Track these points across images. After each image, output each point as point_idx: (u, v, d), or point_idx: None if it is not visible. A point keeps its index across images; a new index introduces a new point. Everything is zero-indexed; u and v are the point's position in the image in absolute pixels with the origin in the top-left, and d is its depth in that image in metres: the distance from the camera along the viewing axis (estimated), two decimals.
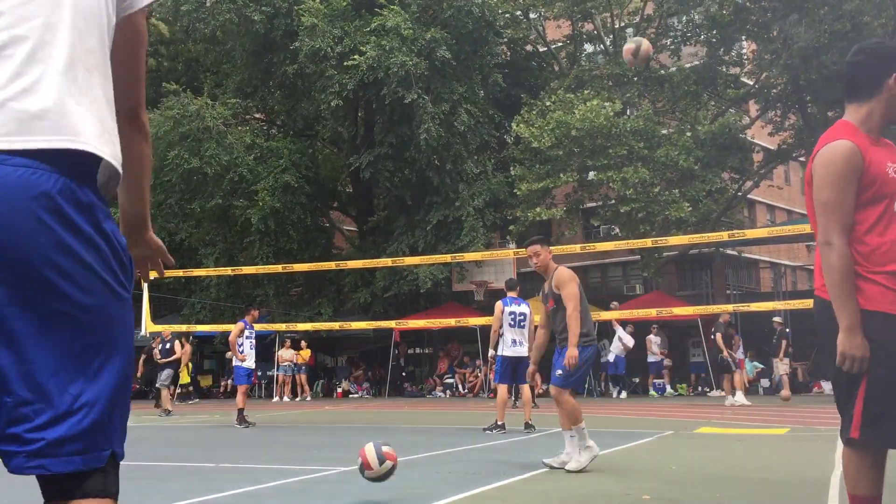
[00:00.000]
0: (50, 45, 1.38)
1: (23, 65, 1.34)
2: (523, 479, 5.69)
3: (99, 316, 1.34)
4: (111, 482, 1.36)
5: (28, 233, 1.28)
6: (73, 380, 1.31)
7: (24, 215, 1.27)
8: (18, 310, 1.28)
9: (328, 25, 20.65)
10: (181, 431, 11.34)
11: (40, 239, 1.28)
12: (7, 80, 1.33)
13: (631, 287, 31.02)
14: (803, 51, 19.56)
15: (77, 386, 1.31)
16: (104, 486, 1.34)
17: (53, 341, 1.30)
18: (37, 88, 1.34)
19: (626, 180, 19.46)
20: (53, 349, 1.30)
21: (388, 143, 21.97)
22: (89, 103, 1.40)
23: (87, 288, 1.32)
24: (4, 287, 1.27)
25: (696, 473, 5.91)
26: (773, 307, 16.34)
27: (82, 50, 1.43)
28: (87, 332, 1.32)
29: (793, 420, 11.14)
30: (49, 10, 1.41)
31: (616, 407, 15.56)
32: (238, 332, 11.89)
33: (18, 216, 1.27)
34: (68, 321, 1.31)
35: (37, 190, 1.29)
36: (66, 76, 1.37)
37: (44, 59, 1.37)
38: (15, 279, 1.27)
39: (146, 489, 5.30)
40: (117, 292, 1.37)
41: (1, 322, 1.27)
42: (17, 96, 1.32)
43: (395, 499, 4.96)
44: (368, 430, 10.92)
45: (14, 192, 1.27)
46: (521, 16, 25.06)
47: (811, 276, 36.28)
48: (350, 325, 19.11)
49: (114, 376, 1.36)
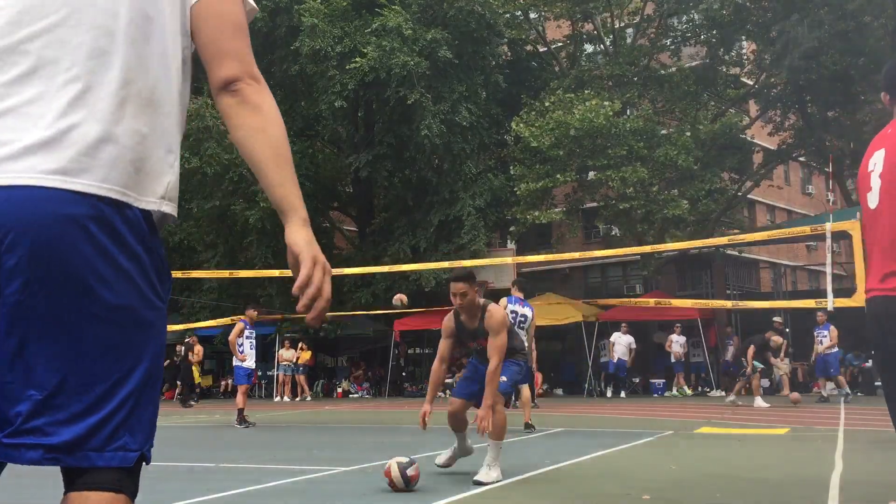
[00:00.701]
0: (102, 72, 1.40)
1: (70, 105, 1.36)
2: (523, 479, 5.69)
3: (131, 320, 1.37)
4: (128, 481, 1.39)
5: (70, 237, 1.31)
6: (101, 379, 1.35)
7: (67, 220, 1.31)
8: (53, 308, 1.31)
9: (328, 25, 20.65)
10: (181, 431, 11.34)
11: (81, 243, 1.32)
12: (54, 117, 1.35)
13: (631, 287, 31.02)
14: (805, 51, 19.56)
15: (103, 385, 1.35)
16: (119, 483, 1.37)
17: (85, 340, 1.33)
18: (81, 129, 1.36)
19: (625, 179, 19.46)
20: (84, 348, 1.33)
21: (388, 142, 21.96)
22: (134, 143, 1.41)
23: (122, 292, 1.35)
24: (40, 285, 1.30)
25: (696, 473, 5.91)
26: (773, 306, 16.34)
27: (138, 72, 1.43)
28: (118, 335, 1.36)
29: (793, 420, 11.14)
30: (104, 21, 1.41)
31: (616, 407, 15.56)
32: (238, 333, 11.88)
33: (62, 221, 1.31)
34: (101, 322, 1.34)
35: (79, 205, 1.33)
36: (114, 116, 1.39)
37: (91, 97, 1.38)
38: (53, 279, 1.31)
39: (146, 489, 5.29)
40: (151, 300, 1.41)
41: (35, 318, 1.31)
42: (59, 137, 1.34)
43: (396, 498, 4.96)
44: (368, 430, 10.93)
45: (57, 204, 1.31)
46: (521, 16, 25.06)
47: (811, 276, 36.30)
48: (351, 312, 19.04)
49: (141, 379, 1.39)
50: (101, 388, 1.34)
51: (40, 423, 1.31)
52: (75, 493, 1.36)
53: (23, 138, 1.33)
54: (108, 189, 1.35)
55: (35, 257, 1.29)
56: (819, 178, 34.52)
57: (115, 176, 1.37)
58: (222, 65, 1.52)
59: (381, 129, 22.60)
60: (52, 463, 1.32)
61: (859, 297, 12.02)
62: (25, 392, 1.31)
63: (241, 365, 11.84)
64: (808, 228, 15.00)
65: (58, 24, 1.39)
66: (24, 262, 1.29)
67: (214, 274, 20.84)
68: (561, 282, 31.92)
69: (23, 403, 1.31)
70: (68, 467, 1.35)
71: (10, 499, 4.91)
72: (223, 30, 1.53)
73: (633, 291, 29.39)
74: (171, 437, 10.38)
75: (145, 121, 1.43)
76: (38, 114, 1.35)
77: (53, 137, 1.34)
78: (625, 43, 24.77)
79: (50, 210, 1.30)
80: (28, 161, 1.32)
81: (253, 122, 1.51)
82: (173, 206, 1.48)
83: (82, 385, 1.33)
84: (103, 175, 1.36)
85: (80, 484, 1.36)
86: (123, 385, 1.37)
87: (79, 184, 1.33)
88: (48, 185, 1.31)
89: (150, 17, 1.45)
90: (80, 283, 1.32)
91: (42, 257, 1.30)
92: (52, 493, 1.74)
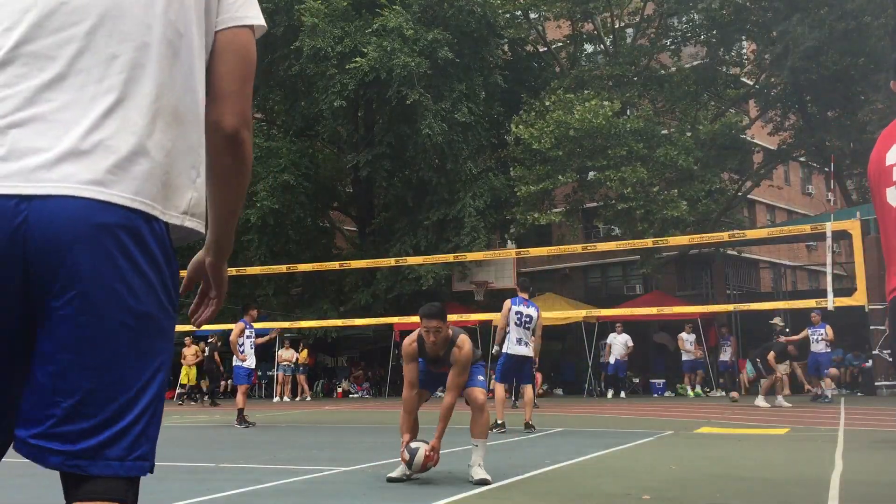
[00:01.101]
0: (136, 84, 1.41)
1: (104, 115, 1.37)
2: (523, 479, 5.69)
3: (154, 328, 1.39)
4: (132, 491, 1.39)
5: (104, 247, 1.33)
6: (127, 388, 1.36)
7: (102, 229, 1.33)
8: (89, 317, 1.32)
9: (329, 25, 20.67)
10: (181, 431, 11.34)
11: (114, 252, 1.34)
12: (89, 127, 1.36)
13: (631, 287, 31.02)
14: (806, 51, 19.57)
15: (128, 394, 1.36)
16: (126, 493, 1.37)
17: (115, 349, 1.34)
18: (115, 140, 1.37)
19: (625, 180, 19.46)
20: (113, 356, 1.34)
21: (388, 142, 21.97)
22: (163, 157, 1.42)
23: (146, 301, 1.38)
24: (79, 295, 1.32)
25: (696, 473, 5.91)
26: (773, 307, 16.32)
27: (168, 87, 1.44)
28: (143, 343, 1.38)
29: (793, 420, 11.14)
30: (138, 33, 1.42)
31: (616, 407, 15.56)
32: (239, 332, 11.88)
33: (97, 231, 1.33)
34: (129, 330, 1.36)
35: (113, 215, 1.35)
36: (146, 129, 1.40)
37: (125, 109, 1.39)
38: (90, 288, 1.32)
39: (146, 489, 5.28)
40: (167, 309, 1.43)
41: (72, 327, 1.32)
42: (93, 148, 1.35)
43: (395, 498, 4.96)
44: (368, 430, 10.93)
45: (93, 214, 1.33)
46: (521, 16, 25.07)
47: (811, 276, 36.31)
48: (351, 321, 19.09)
49: (160, 387, 1.42)
50: (127, 397, 1.36)
51: (66, 430, 1.32)
52: (77, 500, 1.35)
53: (55, 146, 1.33)
54: (141, 202, 1.37)
55: (75, 268, 1.31)
56: (819, 178, 34.52)
57: (146, 188, 1.39)
58: (233, 109, 1.53)
59: (382, 128, 22.61)
60: (73, 469, 1.32)
61: (859, 297, 12.03)
62: (55, 398, 1.32)
63: (242, 365, 11.84)
64: (808, 227, 15.02)
65: (90, 32, 1.39)
66: (66, 273, 1.31)
67: None
68: (561, 282, 31.94)
69: (52, 408, 1.32)
70: (71, 476, 1.35)
71: (10, 499, 4.91)
72: (240, 70, 1.55)
73: (634, 291, 29.39)
74: (171, 437, 10.38)
75: (172, 136, 1.44)
76: (70, 122, 1.35)
77: (88, 147, 1.34)
78: (625, 43, 24.78)
79: (87, 221, 1.32)
80: (63, 170, 1.32)
81: (237, 174, 1.58)
82: (197, 222, 1.50)
83: (110, 393, 1.34)
84: (136, 187, 1.37)
85: (85, 494, 1.34)
86: (145, 393, 1.38)
87: (114, 195, 1.34)
88: (85, 196, 1.32)
89: (181, 33, 1.46)
90: (112, 291, 1.33)
91: (81, 268, 1.31)
92: (52, 493, 1.73)
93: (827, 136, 22.35)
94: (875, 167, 2.86)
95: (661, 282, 26.46)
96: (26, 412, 1.34)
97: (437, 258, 17.59)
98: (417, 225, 22.25)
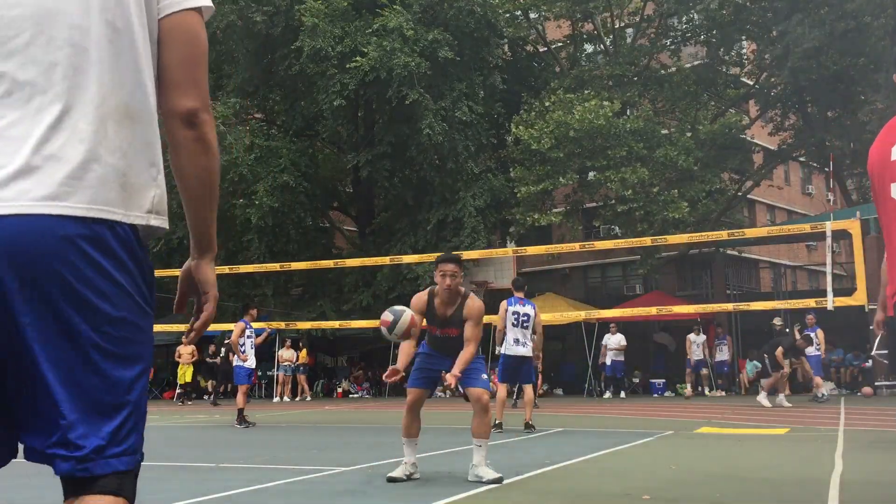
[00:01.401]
0: (80, 90, 1.39)
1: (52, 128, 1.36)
2: (523, 479, 5.69)
3: (131, 329, 1.42)
4: (128, 483, 1.42)
5: (68, 259, 1.34)
6: (113, 389, 1.39)
7: (63, 242, 1.34)
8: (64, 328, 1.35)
9: (329, 25, 20.67)
10: (181, 431, 11.34)
11: (79, 263, 1.35)
12: (38, 141, 1.35)
13: (631, 287, 31.02)
14: (806, 51, 19.57)
15: (116, 394, 1.39)
16: (119, 487, 1.40)
17: (95, 354, 1.37)
18: (66, 151, 1.37)
19: (625, 180, 19.45)
20: (95, 362, 1.37)
21: (388, 142, 21.97)
22: (118, 159, 1.41)
23: (121, 305, 1.40)
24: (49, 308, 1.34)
25: (696, 473, 5.91)
26: (774, 307, 16.32)
27: (113, 87, 1.42)
28: (122, 345, 1.40)
29: (793, 420, 11.14)
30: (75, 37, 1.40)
31: (616, 407, 15.56)
32: (239, 332, 11.88)
33: (58, 245, 1.34)
34: (107, 336, 1.38)
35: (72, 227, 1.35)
36: (96, 135, 1.40)
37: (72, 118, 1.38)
38: (59, 301, 1.34)
39: (146, 489, 5.29)
40: (144, 309, 1.45)
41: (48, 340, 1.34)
42: (45, 162, 1.35)
43: (395, 499, 4.96)
44: (368, 430, 10.93)
45: (52, 229, 1.34)
46: (521, 16, 25.07)
47: (811, 276, 36.29)
48: (350, 323, 19.10)
49: (143, 383, 1.45)
50: (117, 400, 1.39)
51: (70, 438, 1.35)
52: (74, 499, 1.38)
53: (7, 164, 1.33)
54: (98, 209, 1.37)
55: (40, 283, 1.32)
56: (819, 178, 34.52)
57: (103, 195, 1.38)
58: (187, 94, 1.49)
59: (382, 128, 22.61)
60: (83, 473, 1.36)
61: (859, 297, 12.02)
62: (50, 409, 1.35)
63: (243, 365, 11.84)
64: (808, 227, 15.02)
65: (28, 44, 1.37)
66: (31, 289, 1.32)
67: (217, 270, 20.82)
68: (561, 282, 31.93)
69: (51, 420, 1.36)
70: (66, 477, 1.38)
71: (11, 499, 4.91)
72: (190, 55, 1.50)
73: (633, 292, 29.39)
74: (171, 437, 10.38)
75: (125, 136, 1.43)
76: (19, 138, 1.35)
77: (40, 162, 1.34)
78: (625, 43, 24.78)
79: (46, 236, 1.32)
80: (17, 187, 1.33)
81: (202, 161, 1.52)
82: (162, 219, 1.49)
83: (99, 397, 1.37)
84: (91, 196, 1.37)
85: (81, 490, 1.38)
86: (131, 391, 1.41)
87: (69, 207, 1.34)
88: (41, 213, 1.32)
89: (119, 29, 1.43)
90: (83, 301, 1.35)
91: (46, 282, 1.33)
92: (53, 492, 1.74)
93: (827, 136, 22.35)
94: (878, 161, 2.77)
95: (661, 282, 26.47)
96: (28, 422, 1.38)
97: (435, 257, 17.57)
98: (418, 225, 22.24)
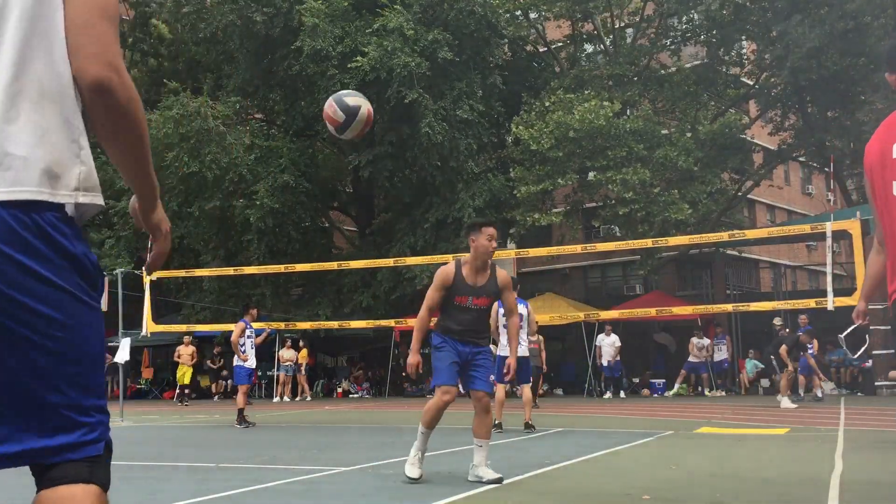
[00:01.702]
0: None
1: None
2: (523, 479, 5.69)
3: (76, 327, 1.38)
4: (99, 470, 1.41)
5: None
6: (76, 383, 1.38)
7: None
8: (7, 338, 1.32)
9: (329, 25, 20.67)
10: (181, 431, 11.34)
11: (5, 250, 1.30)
12: None
13: (631, 287, 31.03)
14: (807, 51, 19.56)
15: (79, 390, 1.39)
16: (90, 474, 1.39)
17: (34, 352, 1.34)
18: None
19: (626, 181, 19.44)
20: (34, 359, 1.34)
21: (388, 141, 21.97)
22: (37, 139, 1.35)
23: (62, 284, 1.35)
24: None
25: (696, 473, 5.91)
26: (774, 307, 16.32)
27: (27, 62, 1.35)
28: (73, 343, 1.38)
29: (793, 420, 11.14)
30: None
31: (616, 407, 15.56)
32: (240, 332, 11.89)
33: None
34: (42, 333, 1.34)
35: None
36: (9, 115, 1.33)
37: None
38: None
39: (146, 489, 5.30)
40: (87, 303, 1.41)
41: None
42: None
43: (395, 499, 4.96)
44: (368, 430, 10.93)
45: None
46: (521, 16, 25.07)
47: (811, 276, 36.29)
48: (349, 324, 19.09)
49: (101, 374, 1.44)
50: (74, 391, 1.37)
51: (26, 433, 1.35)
52: (47, 490, 1.38)
53: None
54: (20, 191, 1.31)
55: None
56: (819, 178, 34.52)
57: (25, 177, 1.32)
58: (93, 55, 1.36)
59: (382, 128, 22.60)
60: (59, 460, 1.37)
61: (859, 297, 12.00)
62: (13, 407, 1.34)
63: (243, 365, 11.85)
64: (808, 227, 15.01)
65: None
66: None
67: (216, 272, 20.82)
68: (561, 282, 31.92)
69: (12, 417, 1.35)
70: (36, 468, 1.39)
71: (10, 499, 4.91)
72: (91, 12, 1.38)
73: (633, 292, 29.38)
74: (171, 437, 10.38)
75: (43, 114, 1.35)
76: None
77: None
78: (625, 43, 24.77)
79: None
80: None
81: (122, 131, 1.40)
82: (92, 195, 1.42)
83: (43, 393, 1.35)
84: (12, 179, 1.31)
85: (50, 479, 1.37)
86: (89, 377, 1.40)
87: None
88: None
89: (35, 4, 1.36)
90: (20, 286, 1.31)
91: None
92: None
93: (827, 136, 22.35)
94: (878, 160, 2.71)
95: (661, 282, 26.46)
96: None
97: (436, 258, 17.58)
98: (417, 225, 22.24)
